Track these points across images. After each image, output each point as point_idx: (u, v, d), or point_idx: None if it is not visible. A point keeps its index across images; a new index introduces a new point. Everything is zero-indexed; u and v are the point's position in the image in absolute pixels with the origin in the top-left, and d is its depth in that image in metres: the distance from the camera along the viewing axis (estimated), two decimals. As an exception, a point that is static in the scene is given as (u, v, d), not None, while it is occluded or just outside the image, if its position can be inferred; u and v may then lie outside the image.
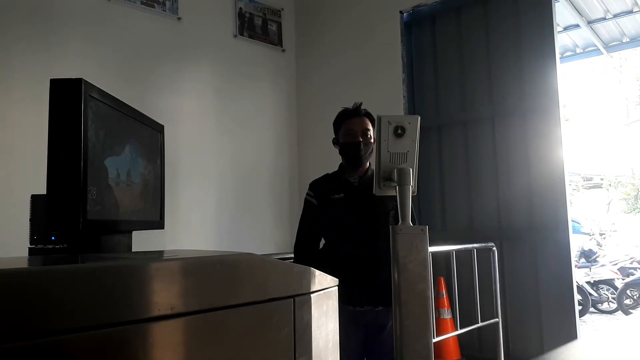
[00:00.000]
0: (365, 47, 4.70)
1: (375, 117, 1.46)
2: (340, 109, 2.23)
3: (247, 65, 4.84)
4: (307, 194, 2.22)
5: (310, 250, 2.20)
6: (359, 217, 2.09)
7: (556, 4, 3.99)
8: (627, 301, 7.04)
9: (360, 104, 2.20)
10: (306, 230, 2.22)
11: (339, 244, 2.15)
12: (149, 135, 1.47)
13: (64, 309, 0.71)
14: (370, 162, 2.19)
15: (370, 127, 2.15)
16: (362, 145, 2.11)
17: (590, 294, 7.05)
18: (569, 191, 3.80)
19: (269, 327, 1.00)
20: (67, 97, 1.00)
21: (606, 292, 7.26)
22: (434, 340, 3.13)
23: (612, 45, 6.08)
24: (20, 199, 2.10)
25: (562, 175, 3.70)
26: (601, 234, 10.28)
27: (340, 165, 2.24)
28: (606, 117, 17.67)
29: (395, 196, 1.36)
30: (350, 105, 2.21)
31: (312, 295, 1.11)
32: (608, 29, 5.73)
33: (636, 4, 5.15)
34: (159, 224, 1.53)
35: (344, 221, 2.12)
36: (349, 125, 2.15)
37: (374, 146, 1.79)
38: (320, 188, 2.21)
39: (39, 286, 0.69)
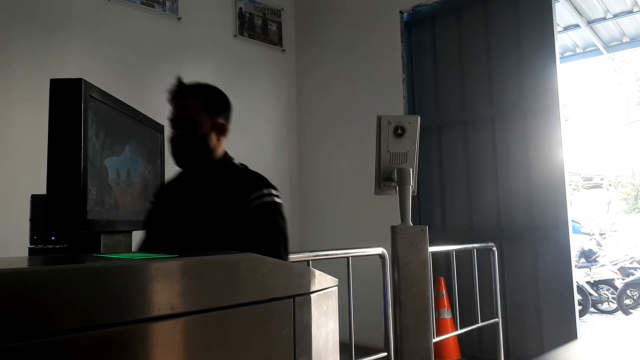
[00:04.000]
0: (365, 47, 4.70)
1: (376, 117, 1.45)
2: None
3: (247, 65, 4.83)
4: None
5: None
6: None
7: (556, 4, 4.00)
8: (627, 301, 7.03)
9: (180, 79, 1.56)
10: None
11: None
12: (149, 135, 1.47)
13: (64, 309, 0.71)
14: (226, 151, 1.63)
15: (197, 110, 1.53)
16: (178, 140, 1.49)
17: (590, 294, 7.04)
18: (569, 191, 3.80)
19: (269, 327, 1.00)
20: (67, 97, 1.00)
21: (606, 292, 7.25)
22: (434, 340, 3.12)
23: (612, 45, 6.07)
24: (20, 199, 2.10)
25: (562, 175, 3.70)
26: (601, 234, 10.27)
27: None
28: (606, 117, 17.67)
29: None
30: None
31: (312, 295, 1.11)
32: (608, 29, 5.73)
33: (636, 4, 5.14)
34: (159, 224, 1.52)
35: None
36: (168, 113, 1.53)
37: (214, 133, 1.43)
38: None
39: (40, 286, 0.69)
